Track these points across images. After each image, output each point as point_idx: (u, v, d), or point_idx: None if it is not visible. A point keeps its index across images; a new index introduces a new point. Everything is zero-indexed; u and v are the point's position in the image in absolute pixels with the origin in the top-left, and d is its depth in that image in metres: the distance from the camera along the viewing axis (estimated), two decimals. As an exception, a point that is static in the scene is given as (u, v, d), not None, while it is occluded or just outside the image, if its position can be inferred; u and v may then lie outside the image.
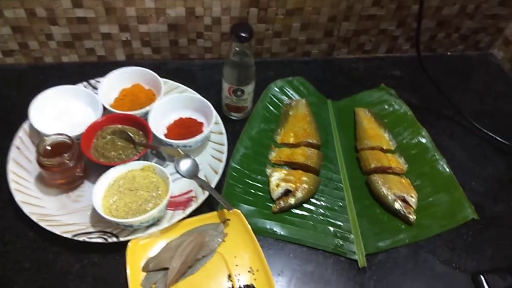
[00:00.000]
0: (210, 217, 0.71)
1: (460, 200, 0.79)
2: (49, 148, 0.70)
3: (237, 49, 0.75)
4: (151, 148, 0.76)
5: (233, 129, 0.86)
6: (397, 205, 0.75)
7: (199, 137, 0.76)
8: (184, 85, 0.89)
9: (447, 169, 0.83)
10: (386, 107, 0.93)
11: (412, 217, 0.75)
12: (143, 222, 0.66)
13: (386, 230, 0.74)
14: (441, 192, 0.80)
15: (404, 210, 0.75)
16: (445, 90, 0.93)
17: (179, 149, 0.75)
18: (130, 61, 0.99)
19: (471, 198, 0.79)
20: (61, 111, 0.80)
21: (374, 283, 0.68)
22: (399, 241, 0.73)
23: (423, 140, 0.87)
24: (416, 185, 0.81)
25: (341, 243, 0.72)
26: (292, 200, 0.75)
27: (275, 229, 0.73)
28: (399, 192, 0.77)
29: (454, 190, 0.80)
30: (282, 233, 0.72)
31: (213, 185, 0.74)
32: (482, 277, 0.59)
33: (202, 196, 0.72)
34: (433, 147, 0.86)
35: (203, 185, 0.73)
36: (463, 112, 0.91)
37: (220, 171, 0.76)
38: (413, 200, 0.77)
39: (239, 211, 0.70)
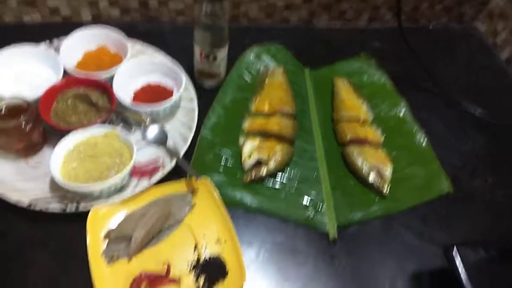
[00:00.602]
0: (178, 186, 0.68)
1: (436, 173, 0.77)
2: (4, 111, 0.65)
3: (209, 9, 0.71)
4: (114, 113, 0.72)
5: (206, 98, 0.81)
6: (372, 176, 0.73)
7: (167, 103, 0.72)
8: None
9: (424, 142, 0.81)
10: (366, 77, 0.90)
11: (386, 189, 0.73)
12: (104, 189, 0.63)
13: (359, 202, 0.72)
14: (417, 164, 0.78)
15: (378, 182, 0.73)
16: (426, 63, 0.90)
17: (143, 116, 0.71)
18: (96, 23, 0.92)
19: (448, 172, 0.77)
20: (19, 73, 0.75)
21: (345, 255, 0.66)
22: (371, 213, 0.71)
23: (402, 112, 0.85)
24: (392, 156, 0.78)
25: (313, 215, 0.69)
26: (264, 171, 0.72)
27: (245, 200, 0.70)
28: (374, 163, 0.74)
29: (430, 163, 0.79)
30: (252, 204, 0.70)
31: (181, 154, 0.70)
32: (455, 248, 0.57)
33: (170, 164, 0.69)
34: (411, 120, 0.84)
35: (171, 153, 0.70)
36: (444, 86, 0.89)
37: (190, 139, 0.72)
38: (387, 172, 0.75)
39: (208, 180, 0.67)
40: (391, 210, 0.72)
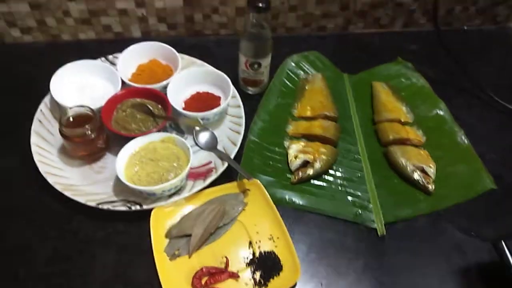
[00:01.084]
0: (230, 187, 0.72)
1: (479, 171, 0.79)
2: (71, 119, 0.71)
3: (255, 20, 0.75)
4: (170, 120, 0.77)
5: (250, 104, 0.86)
6: (416, 175, 0.75)
7: (216, 110, 0.77)
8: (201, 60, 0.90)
9: (466, 141, 0.83)
10: (404, 80, 0.93)
11: (431, 186, 0.75)
12: (165, 191, 0.67)
13: (405, 200, 0.74)
14: (460, 163, 0.80)
15: (423, 180, 0.75)
16: (462, 64, 0.92)
17: (198, 119, 0.76)
18: (146, 38, 0.98)
19: (489, 169, 0.79)
20: (80, 85, 0.81)
21: (393, 251, 0.68)
22: (417, 211, 0.73)
23: (441, 113, 0.87)
24: (435, 156, 0.80)
25: (360, 212, 0.72)
26: (310, 171, 0.75)
27: (294, 199, 0.73)
28: (417, 163, 0.77)
29: (472, 161, 0.80)
30: (301, 203, 0.73)
31: (232, 155, 0.75)
32: (503, 242, 0.59)
33: (222, 167, 0.73)
34: (451, 120, 0.86)
35: (222, 156, 0.74)
36: (482, 86, 0.90)
37: (239, 143, 0.77)
38: (431, 170, 0.77)
39: (258, 181, 0.71)
40: (436, 207, 0.74)
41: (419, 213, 0.73)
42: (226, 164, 0.73)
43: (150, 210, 0.67)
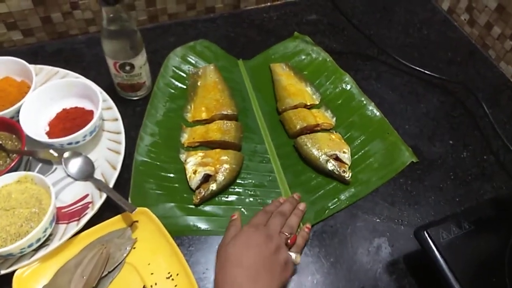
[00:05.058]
0: (114, 223, 0.59)
1: (396, 144, 0.72)
2: None
3: (111, 14, 0.61)
4: (25, 155, 0.62)
5: (134, 113, 0.73)
6: (330, 165, 0.67)
7: (85, 130, 0.63)
8: (68, 68, 0.75)
9: (378, 113, 0.76)
10: (304, 57, 0.84)
11: (348, 174, 0.67)
12: (25, 248, 0.53)
13: (324, 196, 0.66)
14: (375, 139, 0.73)
15: (338, 169, 0.67)
16: (365, 28, 0.84)
17: (51, 151, 0.62)
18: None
19: (406, 141, 0.72)
20: None
21: (312, 258, 0.60)
22: (340, 205, 0.65)
23: (348, 87, 0.79)
24: (348, 137, 0.73)
25: (274, 222, 0.63)
26: (213, 186, 0.64)
27: (199, 224, 0.62)
28: (330, 151, 0.68)
29: (388, 134, 0.73)
30: (208, 227, 0.62)
31: (112, 182, 0.62)
32: (425, 233, 0.52)
33: (99, 200, 0.60)
34: (359, 92, 0.78)
35: (99, 186, 0.61)
36: (388, 50, 0.83)
37: (119, 166, 0.63)
38: (346, 155, 0.69)
39: (146, 209, 0.59)
40: (359, 196, 0.66)
41: (341, 207, 0.65)
42: (104, 196, 0.60)
43: (11, 275, 0.53)
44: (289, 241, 0.56)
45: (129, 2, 0.83)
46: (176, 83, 0.78)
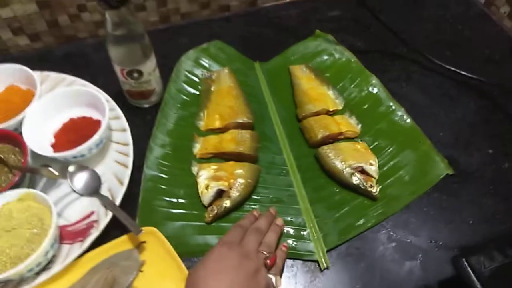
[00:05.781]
0: (120, 243, 0.55)
1: (429, 154, 0.65)
2: None
3: (115, 18, 0.57)
4: (27, 171, 0.58)
5: (144, 121, 0.68)
6: (355, 179, 0.61)
7: (91, 142, 0.59)
8: (76, 73, 0.71)
9: (408, 120, 0.69)
10: (326, 57, 0.77)
11: (375, 190, 0.60)
12: (25, 273, 0.50)
13: (349, 213, 0.60)
14: (405, 149, 0.66)
15: (364, 183, 0.60)
16: (394, 24, 0.77)
17: (51, 169, 0.58)
18: (6, 57, 0.78)
19: (440, 151, 0.65)
20: None
21: (336, 286, 0.54)
22: (366, 223, 0.59)
23: (374, 90, 0.72)
24: (375, 147, 0.66)
25: (296, 244, 0.57)
26: (227, 203, 0.59)
27: (212, 244, 0.57)
28: (355, 163, 0.62)
29: (420, 143, 0.66)
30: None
31: (119, 199, 0.57)
32: (465, 262, 0.46)
33: (105, 218, 0.56)
34: (387, 96, 0.71)
35: (105, 203, 0.57)
36: (418, 48, 0.76)
37: (126, 181, 0.59)
38: (373, 168, 0.62)
39: (154, 229, 0.54)
40: (387, 214, 0.60)
41: (367, 226, 0.58)
42: (110, 214, 0.56)
43: (12, 301, 0.49)
44: (268, 261, 0.49)
45: (138, 3, 0.79)
46: (189, 88, 0.73)
